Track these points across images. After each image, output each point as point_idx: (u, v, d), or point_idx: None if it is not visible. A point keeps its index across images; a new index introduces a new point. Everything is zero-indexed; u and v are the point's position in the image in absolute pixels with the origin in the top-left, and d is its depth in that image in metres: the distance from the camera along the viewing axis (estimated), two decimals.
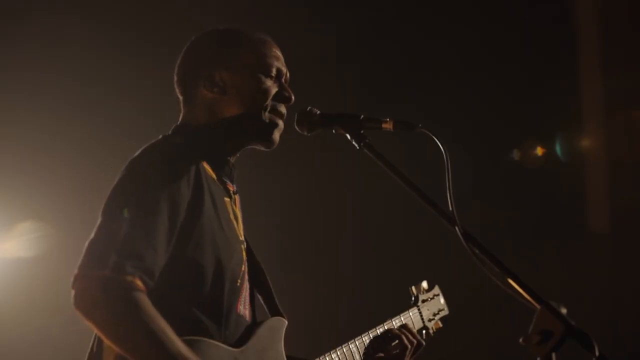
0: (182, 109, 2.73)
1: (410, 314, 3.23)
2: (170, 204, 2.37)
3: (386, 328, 3.08)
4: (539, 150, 5.73)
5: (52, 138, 5.09)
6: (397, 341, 3.05)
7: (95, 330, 2.30)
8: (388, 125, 2.45)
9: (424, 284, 3.37)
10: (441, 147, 2.35)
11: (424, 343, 3.08)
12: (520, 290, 2.03)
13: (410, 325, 3.13)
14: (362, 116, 2.48)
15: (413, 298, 3.31)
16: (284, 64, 2.74)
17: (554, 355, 1.90)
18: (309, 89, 5.20)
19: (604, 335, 5.12)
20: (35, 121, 5.07)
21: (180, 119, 2.71)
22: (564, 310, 1.94)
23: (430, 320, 3.33)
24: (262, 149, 2.72)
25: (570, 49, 5.71)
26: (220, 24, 2.82)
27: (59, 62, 5.07)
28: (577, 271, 5.48)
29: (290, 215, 5.50)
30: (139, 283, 2.26)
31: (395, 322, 3.13)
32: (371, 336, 3.02)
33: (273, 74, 2.68)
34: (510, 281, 2.07)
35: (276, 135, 2.68)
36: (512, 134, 5.70)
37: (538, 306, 1.96)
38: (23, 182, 5.06)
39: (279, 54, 2.73)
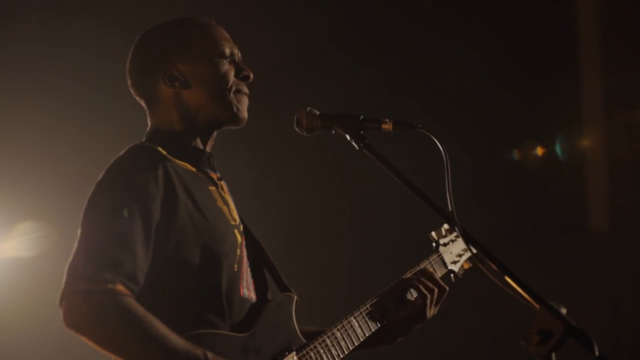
0: (147, 112, 2.74)
1: (431, 260, 3.05)
2: (141, 208, 2.41)
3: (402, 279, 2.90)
4: (539, 150, 5.72)
5: (52, 138, 5.09)
6: (415, 292, 2.87)
7: (91, 344, 2.33)
8: (387, 126, 2.45)
9: (445, 226, 3.15)
10: (441, 148, 2.35)
11: (447, 288, 2.89)
12: (520, 290, 2.04)
13: (431, 271, 2.95)
14: (361, 117, 2.48)
15: (434, 244, 3.14)
16: (234, 43, 2.74)
17: (553, 355, 1.90)
18: (308, 89, 5.23)
19: (603, 335, 5.15)
20: (35, 121, 5.06)
21: (149, 124, 2.73)
22: (563, 310, 1.94)
23: (454, 262, 3.14)
24: (233, 127, 2.72)
25: (570, 49, 5.71)
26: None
27: (59, 62, 5.06)
28: (577, 271, 5.48)
29: (289, 215, 5.50)
30: (121, 288, 2.30)
31: (414, 272, 2.94)
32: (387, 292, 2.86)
33: (227, 56, 2.69)
34: (510, 281, 2.07)
35: (244, 113, 2.69)
36: (512, 134, 5.69)
37: (538, 306, 1.96)
38: (23, 182, 5.06)
39: (226, 34, 2.74)
